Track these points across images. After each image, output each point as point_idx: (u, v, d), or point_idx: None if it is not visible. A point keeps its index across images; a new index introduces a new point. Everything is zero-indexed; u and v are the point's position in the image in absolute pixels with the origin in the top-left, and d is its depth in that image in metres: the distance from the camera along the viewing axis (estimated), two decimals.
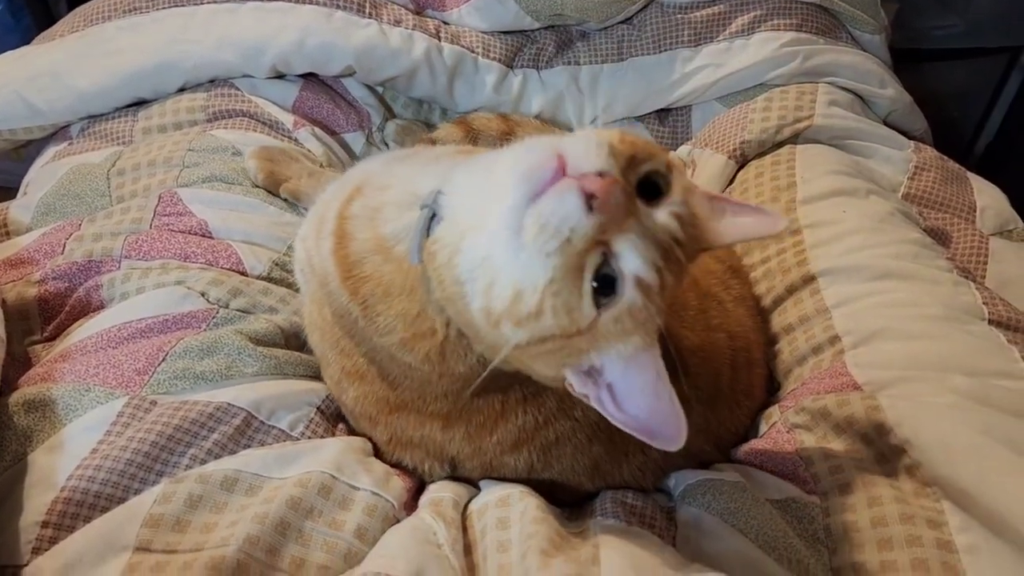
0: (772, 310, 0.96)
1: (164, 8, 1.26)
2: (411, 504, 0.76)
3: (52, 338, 0.90)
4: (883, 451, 0.71)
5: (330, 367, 0.80)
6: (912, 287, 0.88)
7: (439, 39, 1.32)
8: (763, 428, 0.84)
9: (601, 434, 0.73)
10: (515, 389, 0.71)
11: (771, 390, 0.91)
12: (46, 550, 0.64)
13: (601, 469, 0.75)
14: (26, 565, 0.63)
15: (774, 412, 0.84)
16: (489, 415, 0.72)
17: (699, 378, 0.77)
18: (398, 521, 0.73)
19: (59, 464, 0.70)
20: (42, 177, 1.15)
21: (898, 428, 0.71)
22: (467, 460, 0.76)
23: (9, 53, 1.26)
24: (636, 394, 0.57)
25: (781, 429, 0.80)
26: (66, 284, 0.93)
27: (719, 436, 0.82)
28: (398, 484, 0.76)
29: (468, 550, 0.69)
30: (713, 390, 0.79)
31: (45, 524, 0.65)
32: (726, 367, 0.81)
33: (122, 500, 0.68)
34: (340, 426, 0.84)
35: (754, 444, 0.81)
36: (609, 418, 0.57)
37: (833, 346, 0.85)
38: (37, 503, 0.66)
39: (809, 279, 0.94)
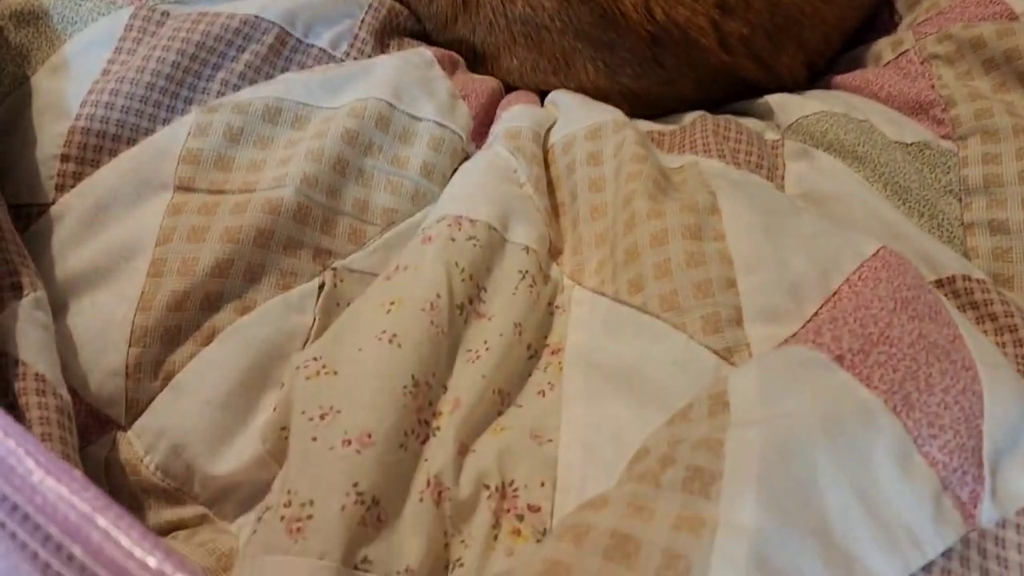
0: None
1: None
2: (480, 132, 0.66)
3: None
4: None
5: None
6: None
7: None
8: (887, 55, 0.71)
9: None
10: None
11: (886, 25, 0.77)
12: (72, 187, 0.55)
13: None
14: (52, 203, 0.55)
15: (906, 38, 0.70)
16: None
17: None
18: (467, 155, 0.64)
19: (67, 88, 0.59)
20: None
21: None
22: None
23: None
24: None
25: (914, 59, 0.67)
26: None
27: None
28: (464, 111, 0.66)
29: (550, 188, 0.61)
30: None
31: (65, 158, 0.55)
32: None
33: (149, 132, 0.58)
34: (392, 42, 0.71)
35: (878, 74, 0.69)
36: None
37: None
38: (51, 133, 0.56)
39: None
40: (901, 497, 0.36)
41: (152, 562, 0.26)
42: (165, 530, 0.47)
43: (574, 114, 0.64)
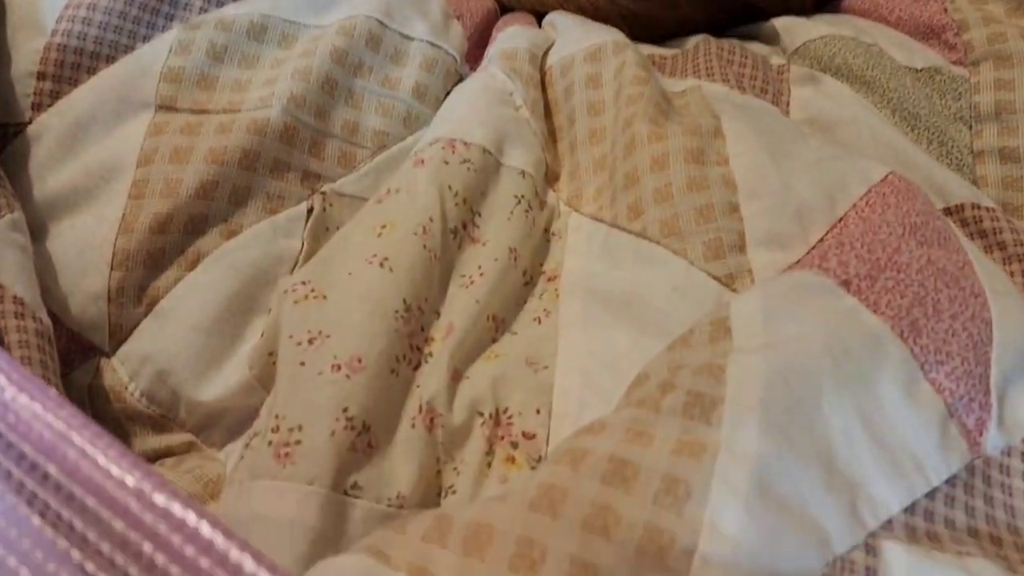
0: None
1: None
2: (474, 54, 0.64)
3: None
4: None
5: None
6: None
7: None
8: None
9: None
10: None
11: None
12: (49, 106, 0.53)
13: None
14: (29, 123, 0.52)
15: None
16: None
17: None
18: (461, 77, 0.62)
19: (43, 3, 0.56)
20: None
21: None
22: None
23: None
24: None
25: None
26: None
27: None
28: (458, 32, 0.64)
29: (547, 112, 0.59)
30: None
31: (41, 75, 0.53)
32: None
33: (129, 49, 0.55)
34: None
35: None
36: None
37: None
38: (26, 50, 0.54)
39: None
40: (906, 424, 0.35)
41: (130, 481, 0.25)
42: (152, 458, 0.46)
43: (572, 35, 0.62)
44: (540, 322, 0.46)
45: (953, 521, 0.35)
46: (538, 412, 0.41)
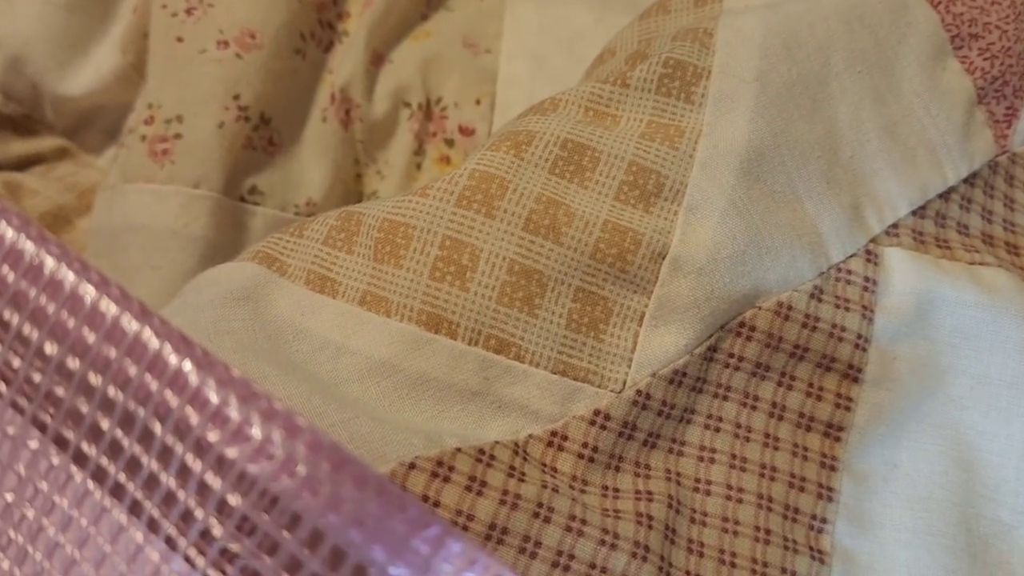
0: None
1: None
2: None
3: None
4: None
5: None
6: None
7: None
8: None
9: None
10: None
11: None
12: None
13: None
14: None
15: None
16: None
17: None
18: None
19: None
20: None
21: None
22: None
23: None
24: None
25: None
26: None
27: None
28: None
29: None
30: None
31: None
32: None
33: None
34: None
35: None
36: None
37: None
38: None
39: None
40: (926, 109, 0.29)
41: None
42: (17, 165, 0.39)
43: None
44: None
45: (967, 226, 0.29)
46: (478, 103, 0.34)
